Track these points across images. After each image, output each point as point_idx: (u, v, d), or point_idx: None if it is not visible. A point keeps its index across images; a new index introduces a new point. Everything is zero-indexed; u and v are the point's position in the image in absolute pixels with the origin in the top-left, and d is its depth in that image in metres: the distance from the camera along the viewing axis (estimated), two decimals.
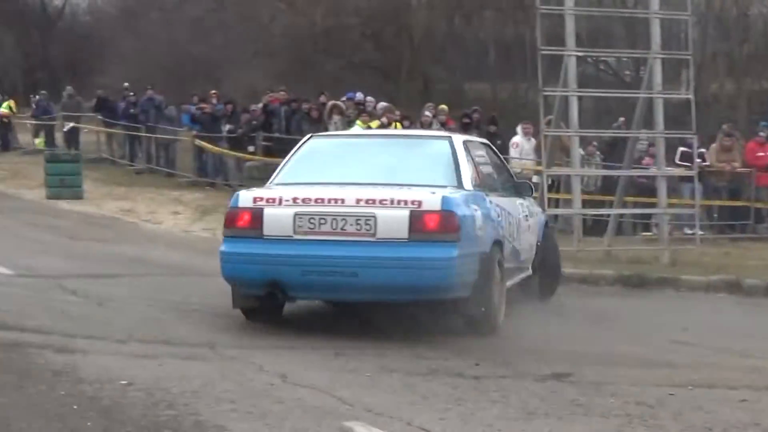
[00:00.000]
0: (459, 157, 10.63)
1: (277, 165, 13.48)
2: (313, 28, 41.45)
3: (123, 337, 9.66)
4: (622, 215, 18.99)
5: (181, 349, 9.27)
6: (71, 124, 34.41)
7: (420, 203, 9.66)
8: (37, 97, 41.58)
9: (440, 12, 40.34)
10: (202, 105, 27.71)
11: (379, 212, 9.67)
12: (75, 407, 7.24)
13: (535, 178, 20.86)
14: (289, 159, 11.18)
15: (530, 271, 12.31)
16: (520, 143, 22.04)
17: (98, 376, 8.12)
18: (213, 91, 30.63)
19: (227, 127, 26.28)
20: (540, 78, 17.54)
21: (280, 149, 23.96)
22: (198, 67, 47.55)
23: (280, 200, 9.97)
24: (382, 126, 19.56)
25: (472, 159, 10.96)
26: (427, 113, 23.52)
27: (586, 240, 17.49)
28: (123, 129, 32.46)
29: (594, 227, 20.01)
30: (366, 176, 10.49)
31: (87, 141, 35.13)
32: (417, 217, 9.60)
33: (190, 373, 8.35)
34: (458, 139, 11.18)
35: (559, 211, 19.40)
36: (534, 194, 12.69)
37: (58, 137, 35.81)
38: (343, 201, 9.80)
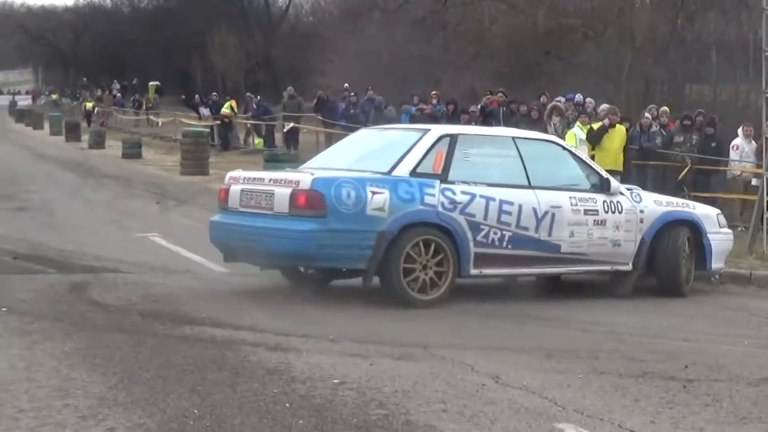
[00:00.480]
0: (415, 148, 11.95)
1: None
2: (534, 29, 41.26)
3: (336, 335, 9.79)
4: None
5: (392, 348, 9.33)
6: (291, 124, 35.11)
7: (298, 183, 11.38)
8: (258, 97, 42.51)
9: (663, 13, 39.66)
10: (422, 105, 27.86)
11: (276, 190, 11.49)
12: (287, 405, 7.36)
13: (754, 181, 20.33)
14: (335, 145, 13.26)
15: (628, 267, 12.94)
16: (741, 145, 21.50)
17: (310, 374, 8.25)
18: (433, 92, 30.80)
19: None
20: (764, 79, 17.19)
21: None
22: (418, 68, 47.85)
23: (238, 179, 12.14)
24: (602, 128, 19.30)
25: (450, 151, 11.98)
26: (647, 115, 23.12)
27: None
28: (342, 129, 32.95)
29: None
30: (341, 163, 12.28)
31: (306, 141, 35.81)
32: (294, 195, 11.30)
33: (401, 372, 8.40)
34: (438, 132, 12.32)
35: None
36: (611, 189, 12.85)
37: (278, 137, 36.58)
38: (262, 180, 11.88)
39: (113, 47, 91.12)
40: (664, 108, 24.31)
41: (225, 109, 40.52)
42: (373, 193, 11.38)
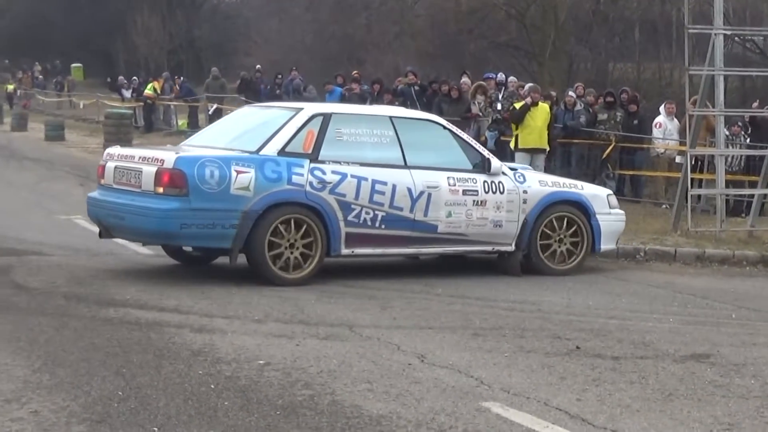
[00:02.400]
0: (285, 127, 11.93)
1: None
2: (458, 8, 41.32)
3: (261, 316, 9.76)
4: (766, 196, 18.55)
5: (318, 328, 9.32)
6: (215, 106, 34.90)
7: (162, 161, 11.34)
8: (181, 78, 42.21)
9: None
10: (353, 85, 27.79)
11: (144, 168, 11.45)
12: (212, 387, 7.33)
13: (678, 159, 20.55)
14: (216, 123, 13.44)
15: (511, 247, 12.91)
16: (664, 123, 21.69)
17: (236, 355, 8.23)
18: (355, 72, 30.76)
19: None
20: (686, 57, 17.36)
21: None
22: (341, 48, 47.81)
23: (113, 156, 12.14)
24: (525, 106, 19.37)
25: (322, 131, 11.95)
26: (571, 93, 23.25)
27: (729, 220, 17.24)
28: None
29: (736, 208, 19.78)
30: (217, 142, 12.27)
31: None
32: (158, 173, 11.26)
33: (327, 353, 8.40)
34: (310, 111, 12.22)
35: (703, 191, 19.14)
36: (492, 169, 12.69)
37: (201, 118, 36.35)
38: (132, 158, 11.81)
39: (34, 29, 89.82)
40: (590, 90, 24.45)
41: (148, 91, 40.17)
42: (238, 172, 11.33)
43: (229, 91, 37.06)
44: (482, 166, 12.70)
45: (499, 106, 21.74)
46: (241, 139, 12.14)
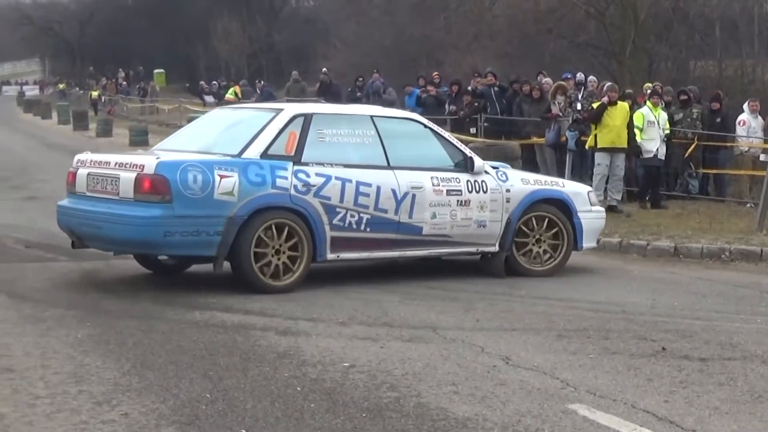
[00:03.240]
0: (266, 129, 11.47)
1: (499, 146, 13.64)
2: (536, 8, 41.13)
3: (345, 319, 9.78)
4: None
5: (402, 331, 9.31)
6: None
7: (143, 167, 10.82)
8: (262, 82, 42.45)
9: None
10: (429, 88, 27.76)
11: (122, 174, 10.93)
12: (298, 389, 7.35)
13: (762, 157, 20.26)
14: (188, 126, 12.85)
15: (495, 248, 12.58)
16: (747, 120, 21.39)
17: (321, 358, 8.25)
18: (435, 73, 30.73)
19: (450, 108, 26.26)
20: None
21: (501, 131, 23.91)
22: (420, 50, 47.78)
23: (85, 162, 11.55)
24: (602, 106, 19.18)
25: (304, 132, 11.53)
26: (648, 92, 23.01)
27: None
28: None
29: None
30: (192, 145, 11.76)
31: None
32: (138, 180, 10.75)
33: (411, 355, 8.39)
34: (291, 112, 11.73)
35: None
36: (475, 169, 12.36)
37: None
38: (108, 164, 11.27)
39: (118, 36, 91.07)
40: (668, 87, 24.18)
41: (229, 95, 40.47)
42: (221, 176, 10.85)
43: (309, 95, 37.19)
44: (465, 164, 12.36)
45: (578, 106, 21.56)
46: (221, 142, 11.65)
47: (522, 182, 12.84)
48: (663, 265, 14.22)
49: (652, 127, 19.47)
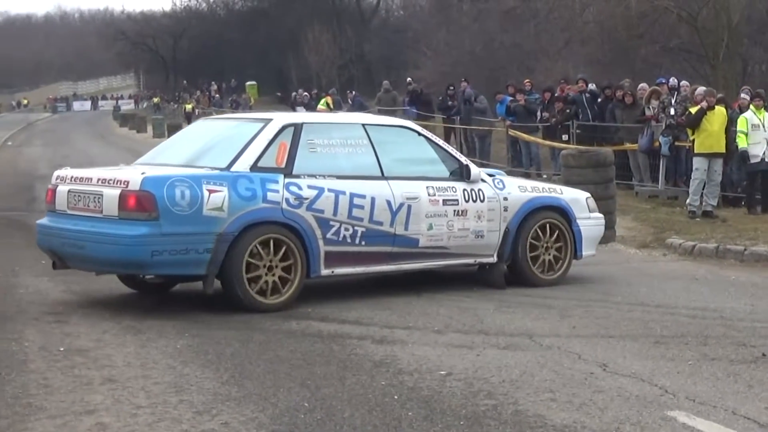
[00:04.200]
0: (255, 140, 10.97)
1: (592, 152, 13.46)
2: (627, 13, 40.78)
3: (441, 327, 9.78)
4: None
5: (498, 338, 9.30)
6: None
7: (127, 183, 10.31)
8: (353, 92, 42.63)
9: None
10: (518, 97, 27.69)
11: (105, 191, 10.44)
12: (396, 397, 7.37)
13: None
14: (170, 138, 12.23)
15: (492, 258, 12.11)
16: None
17: (417, 366, 8.26)
18: (527, 80, 30.64)
19: (543, 115, 26.16)
20: None
21: (594, 137, 23.76)
22: (510, 57, 47.64)
23: (65, 179, 11.09)
24: (700, 111, 18.96)
25: (294, 142, 11.06)
26: (743, 95, 22.71)
27: None
28: (437, 122, 32.98)
29: None
30: (176, 158, 11.28)
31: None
32: (123, 197, 10.26)
33: (508, 362, 8.37)
34: (280, 122, 11.27)
35: None
36: (471, 177, 11.93)
37: None
38: (90, 180, 10.74)
39: (210, 49, 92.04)
40: (759, 90, 23.83)
41: (321, 106, 40.67)
42: (210, 191, 10.36)
43: (400, 104, 37.27)
44: (460, 173, 11.93)
45: (672, 111, 21.37)
46: (207, 154, 11.15)
47: (519, 190, 12.36)
48: (761, 270, 14.00)
49: (757, 130, 19.13)
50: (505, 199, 12.14)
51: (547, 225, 12.43)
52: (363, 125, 11.83)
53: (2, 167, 35.18)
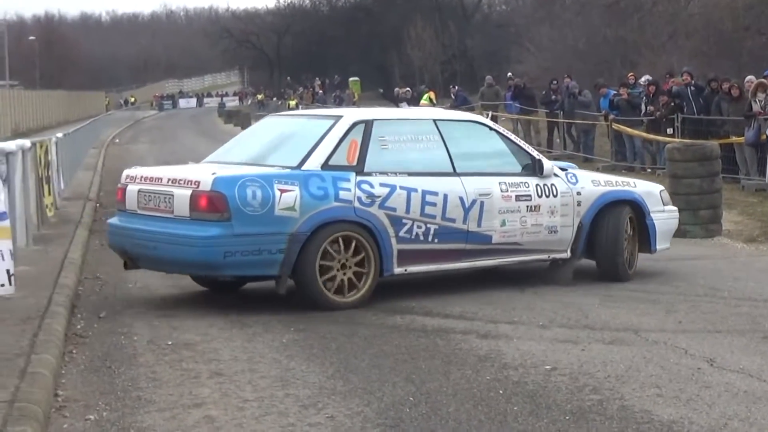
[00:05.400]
0: (326, 138, 10.82)
1: (698, 146, 13.26)
2: (733, 5, 40.21)
3: (545, 322, 9.73)
4: None
5: (603, 333, 9.22)
6: (490, 113, 35.06)
7: (198, 183, 10.22)
8: (456, 87, 42.61)
9: None
10: (622, 91, 27.46)
11: (176, 191, 10.37)
12: (501, 392, 7.35)
13: None
14: (238, 135, 12.34)
15: (566, 254, 11.95)
16: None
17: (522, 361, 8.23)
18: (630, 74, 30.37)
19: (648, 109, 25.88)
20: None
21: (699, 130, 23.46)
22: (613, 51, 47.23)
23: (135, 178, 11.01)
24: None
25: (365, 140, 10.90)
26: None
27: None
28: (540, 116, 32.85)
29: None
30: (244, 156, 11.21)
31: (505, 129, 35.59)
32: (194, 197, 10.18)
33: (613, 357, 8.30)
34: (351, 119, 11.11)
35: None
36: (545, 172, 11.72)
37: None
38: (160, 180, 10.67)
39: (314, 46, 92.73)
40: None
41: (424, 101, 40.69)
42: (282, 191, 10.25)
43: (503, 98, 37.17)
44: (533, 168, 11.74)
45: None
46: (276, 152, 11.10)
47: (593, 184, 12.17)
48: None
49: None
50: (579, 193, 11.96)
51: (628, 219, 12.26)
52: (434, 120, 11.67)
53: (110, 164, 35.74)
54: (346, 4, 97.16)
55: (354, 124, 11.00)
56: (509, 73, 39.76)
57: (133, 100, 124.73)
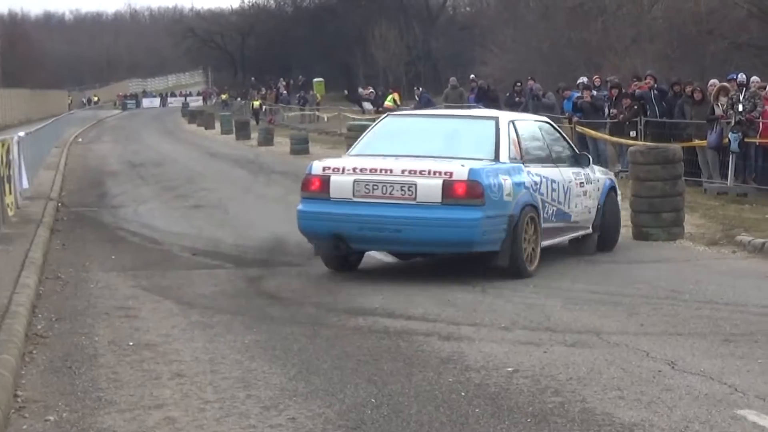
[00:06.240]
0: (500, 135, 12.74)
1: (661, 149, 14.07)
2: (696, 9, 40.43)
3: (508, 323, 9.74)
4: None
5: (565, 335, 9.23)
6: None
7: (451, 174, 11.81)
8: (420, 89, 42.62)
9: None
10: (585, 92, 27.53)
11: (419, 181, 11.81)
12: (462, 394, 7.35)
13: None
14: (366, 133, 13.38)
15: (590, 230, 14.47)
16: None
17: (484, 363, 8.23)
18: (596, 77, 30.45)
19: (611, 111, 25.96)
20: None
21: (662, 133, 23.55)
22: (577, 54, 47.38)
23: (343, 169, 12.23)
24: None
25: (517, 135, 12.96)
26: None
27: None
28: None
29: None
30: (423, 150, 12.67)
31: None
32: (448, 185, 11.76)
33: (575, 360, 8.32)
34: (505, 118, 13.23)
35: None
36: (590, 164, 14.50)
37: None
38: (390, 171, 11.97)
39: (278, 46, 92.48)
40: None
41: (388, 102, 40.73)
42: (504, 180, 12.13)
43: (467, 100, 37.20)
44: (580, 160, 14.27)
45: (740, 108, 21.13)
46: (460, 148, 12.67)
47: (601, 173, 15.06)
48: None
49: None
50: (598, 180, 14.63)
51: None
52: (535, 120, 14.46)
53: (73, 164, 35.58)
54: (311, 5, 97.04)
55: (509, 123, 13.04)
56: (471, 75, 39.79)
57: (96, 99, 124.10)
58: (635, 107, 24.71)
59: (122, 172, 31.57)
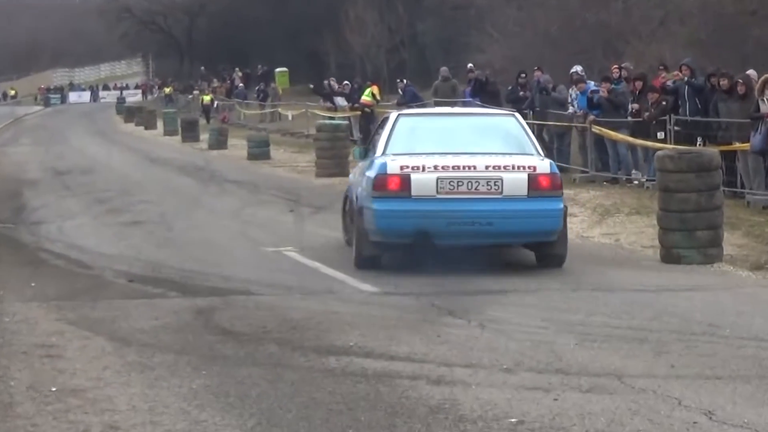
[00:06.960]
0: (527, 130, 15.99)
1: (694, 154, 14.20)
2: None
3: (511, 365, 9.74)
4: None
5: (580, 379, 9.25)
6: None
7: (534, 168, 14.74)
8: (405, 81, 42.64)
9: None
10: (603, 87, 27.45)
11: (505, 175, 14.63)
12: None
13: None
14: (390, 133, 15.60)
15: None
16: None
17: (482, 412, 8.24)
18: (614, 67, 30.43)
19: (633, 108, 25.90)
20: None
21: (695, 135, 23.52)
22: (593, 39, 47.45)
23: (423, 167, 14.60)
24: None
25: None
26: None
27: None
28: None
29: None
30: (470, 146, 15.32)
31: None
32: (534, 179, 14.67)
33: (592, 408, 8.33)
34: (518, 114, 16.54)
35: None
36: None
37: None
38: (474, 167, 14.64)
39: (233, 29, 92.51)
40: None
41: (365, 97, 40.73)
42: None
43: (461, 95, 37.26)
44: None
45: None
46: (497, 145, 15.39)
47: None
48: None
49: None
50: None
51: None
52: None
53: None
54: None
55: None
56: (469, 65, 39.84)
57: (13, 93, 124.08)
58: (664, 103, 24.70)
59: (44, 181, 31.58)
